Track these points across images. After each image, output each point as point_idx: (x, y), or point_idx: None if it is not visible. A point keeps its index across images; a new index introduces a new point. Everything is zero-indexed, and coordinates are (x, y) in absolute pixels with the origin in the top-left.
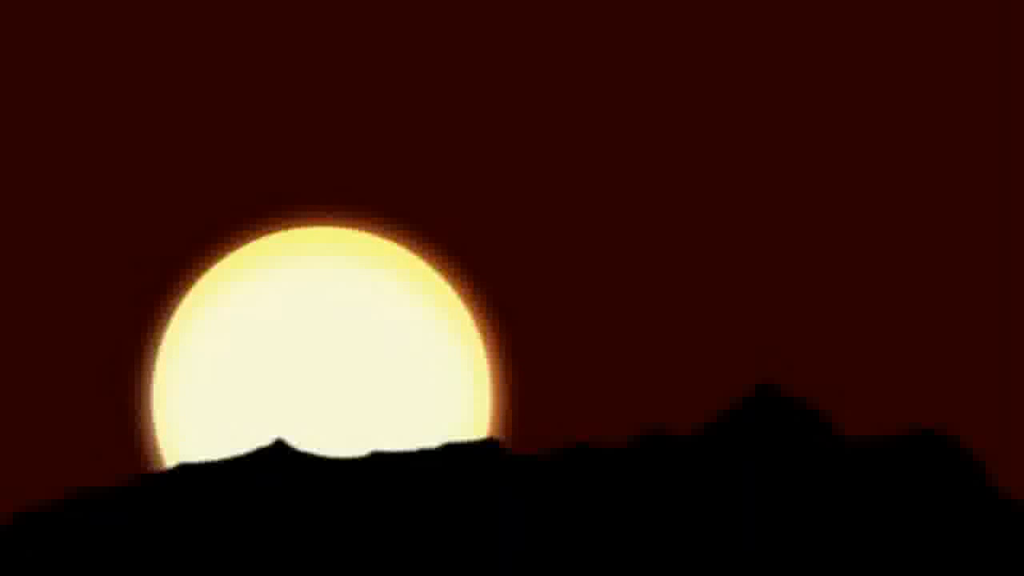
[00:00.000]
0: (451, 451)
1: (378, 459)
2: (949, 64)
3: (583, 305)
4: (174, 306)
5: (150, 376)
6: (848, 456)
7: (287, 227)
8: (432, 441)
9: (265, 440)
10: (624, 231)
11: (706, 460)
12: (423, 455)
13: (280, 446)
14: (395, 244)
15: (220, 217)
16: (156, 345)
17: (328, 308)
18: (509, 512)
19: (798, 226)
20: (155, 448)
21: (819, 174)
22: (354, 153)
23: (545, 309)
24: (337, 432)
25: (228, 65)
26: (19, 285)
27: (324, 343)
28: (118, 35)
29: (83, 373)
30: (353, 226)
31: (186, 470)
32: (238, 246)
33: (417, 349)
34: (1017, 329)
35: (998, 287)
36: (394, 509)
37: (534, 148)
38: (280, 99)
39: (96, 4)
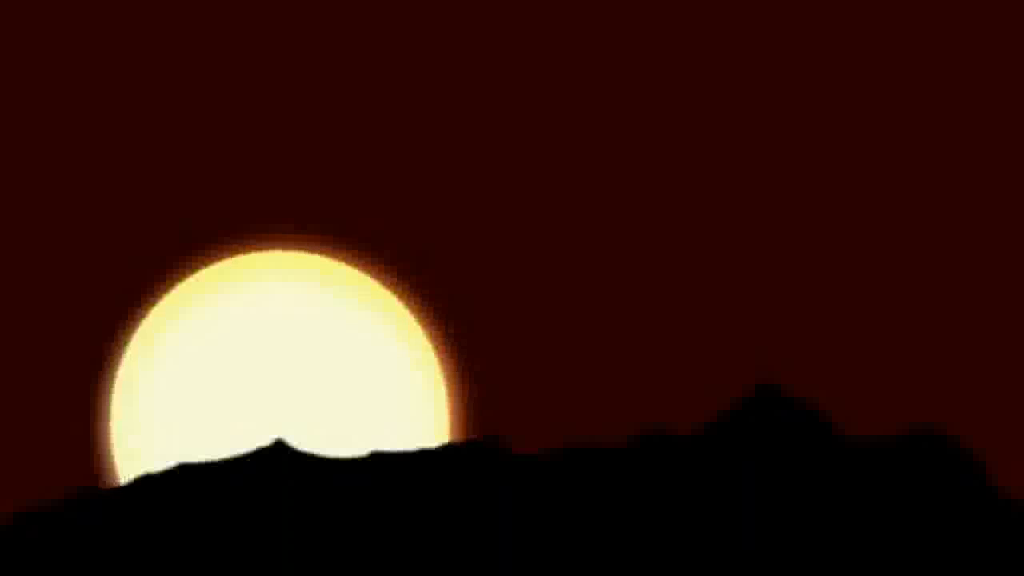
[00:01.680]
0: (451, 451)
1: (378, 459)
2: (938, 65)
3: (582, 306)
4: (144, 317)
5: (116, 386)
6: (848, 456)
7: (246, 251)
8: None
9: (254, 443)
10: (626, 231)
11: (706, 460)
12: (423, 455)
13: (280, 446)
14: (346, 265)
15: (184, 238)
16: (120, 361)
17: (292, 325)
18: (509, 512)
19: (797, 226)
20: (113, 458)
21: (818, 175)
22: (308, 183)
23: (531, 314)
24: (320, 435)
25: (188, 94)
26: None
27: (294, 356)
28: (69, 64)
29: (56, 383)
30: (308, 250)
31: (186, 470)
32: (198, 268)
33: (387, 364)
34: (1017, 329)
35: (997, 287)
36: (394, 509)
37: (504, 153)
38: (236, 130)
39: (47, 38)
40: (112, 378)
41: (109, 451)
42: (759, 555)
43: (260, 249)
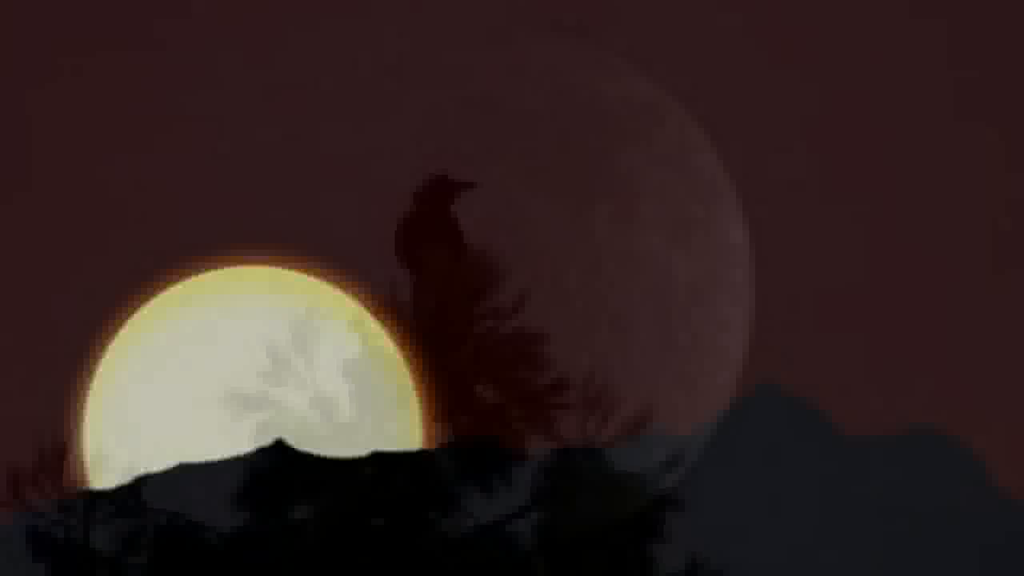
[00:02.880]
0: (451, 451)
1: (378, 459)
2: (933, 66)
3: (580, 304)
4: (142, 316)
5: (116, 385)
6: (848, 456)
7: (246, 259)
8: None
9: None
10: (623, 229)
11: (706, 460)
12: (423, 455)
13: (280, 446)
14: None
15: (189, 239)
16: (120, 360)
17: (290, 326)
18: (508, 512)
19: (797, 225)
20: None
21: (818, 174)
22: (303, 197)
23: (529, 313)
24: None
25: (184, 99)
26: None
27: (294, 357)
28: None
29: (55, 382)
30: (281, 264)
31: (186, 470)
32: (197, 270)
33: (386, 364)
34: (1017, 329)
35: (997, 287)
36: (394, 509)
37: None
38: (234, 135)
39: None
40: (111, 376)
41: (108, 451)
42: (759, 554)
43: (259, 254)
